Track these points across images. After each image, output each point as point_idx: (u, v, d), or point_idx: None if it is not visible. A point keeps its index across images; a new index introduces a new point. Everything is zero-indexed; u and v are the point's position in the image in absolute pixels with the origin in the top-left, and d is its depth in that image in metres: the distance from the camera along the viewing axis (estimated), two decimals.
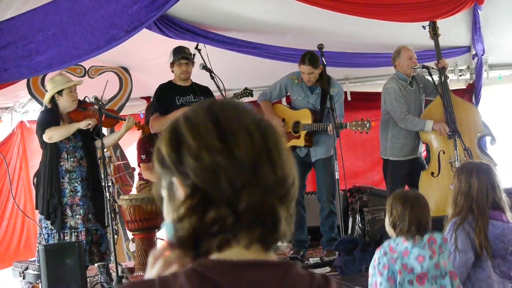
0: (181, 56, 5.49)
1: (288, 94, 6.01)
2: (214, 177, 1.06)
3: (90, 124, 5.06)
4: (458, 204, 3.46)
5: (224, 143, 1.07)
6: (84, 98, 5.42)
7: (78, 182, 5.07)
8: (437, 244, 3.01)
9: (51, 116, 5.27)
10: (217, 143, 1.07)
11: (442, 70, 5.99)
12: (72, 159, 5.10)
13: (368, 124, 5.46)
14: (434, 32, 6.07)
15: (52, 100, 5.27)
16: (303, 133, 5.73)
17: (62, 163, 5.11)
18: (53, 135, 5.15)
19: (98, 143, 5.22)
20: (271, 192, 1.09)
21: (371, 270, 3.09)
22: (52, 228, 5.02)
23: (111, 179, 6.78)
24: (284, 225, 1.12)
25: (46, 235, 5.05)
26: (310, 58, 5.57)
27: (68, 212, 5.02)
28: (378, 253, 3.07)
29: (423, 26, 6.07)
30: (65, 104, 5.24)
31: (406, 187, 5.91)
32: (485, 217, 3.37)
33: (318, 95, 5.77)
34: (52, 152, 5.15)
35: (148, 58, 7.09)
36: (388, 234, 3.16)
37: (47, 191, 5.05)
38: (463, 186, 3.47)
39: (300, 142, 5.75)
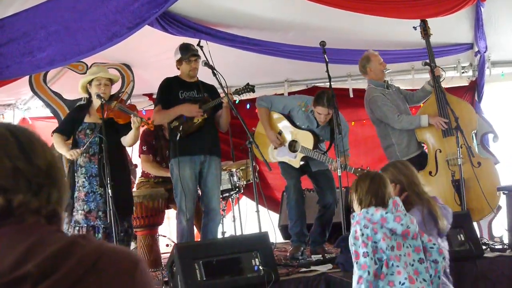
0: (191, 53, 5.47)
1: (290, 115, 5.89)
2: (15, 179, 1.26)
3: (70, 157, 5.04)
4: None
5: (23, 152, 1.28)
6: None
7: (86, 177, 5.04)
8: (400, 205, 3.39)
9: (71, 118, 5.30)
10: (18, 152, 1.28)
11: (436, 78, 5.95)
12: (84, 154, 5.07)
13: None
14: (425, 32, 6.05)
15: (88, 91, 5.25)
16: (300, 155, 5.70)
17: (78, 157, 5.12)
18: (54, 141, 5.20)
19: (123, 140, 5.20)
20: (62, 188, 1.33)
21: (351, 240, 3.34)
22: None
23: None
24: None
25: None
26: (328, 100, 5.46)
27: (76, 206, 5.03)
28: (358, 226, 3.34)
29: (414, 27, 6.05)
30: (94, 96, 5.20)
31: None
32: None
33: (324, 128, 5.74)
34: (73, 145, 5.18)
35: (150, 55, 7.09)
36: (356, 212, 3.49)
37: None
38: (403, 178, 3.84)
39: (295, 163, 5.73)
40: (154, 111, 5.57)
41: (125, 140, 5.22)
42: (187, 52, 5.49)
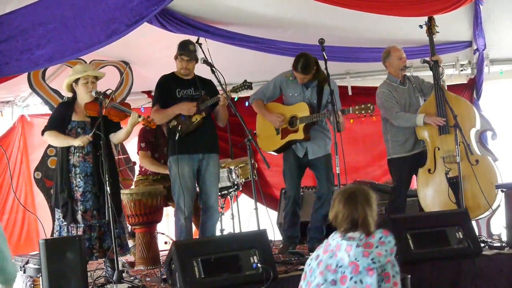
0: (182, 52, 5.46)
1: (282, 93, 5.91)
2: None
3: (81, 144, 4.95)
4: None
5: None
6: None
7: (81, 177, 4.99)
8: (375, 238, 3.02)
9: (60, 114, 5.19)
10: None
11: (435, 64, 5.92)
12: (78, 153, 5.02)
13: (371, 106, 5.39)
14: (430, 30, 6.05)
15: (73, 89, 5.19)
16: (301, 126, 5.67)
17: (70, 157, 5.05)
18: (48, 139, 5.17)
19: (113, 136, 5.16)
20: None
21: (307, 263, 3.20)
22: (63, 220, 5.02)
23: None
24: None
25: (58, 226, 5.06)
26: (302, 66, 5.55)
27: (75, 206, 4.99)
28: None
29: (420, 25, 6.04)
30: (80, 94, 5.16)
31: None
32: None
33: (314, 88, 5.75)
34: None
35: (149, 52, 7.08)
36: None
37: (58, 184, 5.05)
38: None
39: (299, 135, 5.69)
40: (152, 110, 5.54)
41: (116, 136, 5.18)
42: (181, 50, 5.47)
